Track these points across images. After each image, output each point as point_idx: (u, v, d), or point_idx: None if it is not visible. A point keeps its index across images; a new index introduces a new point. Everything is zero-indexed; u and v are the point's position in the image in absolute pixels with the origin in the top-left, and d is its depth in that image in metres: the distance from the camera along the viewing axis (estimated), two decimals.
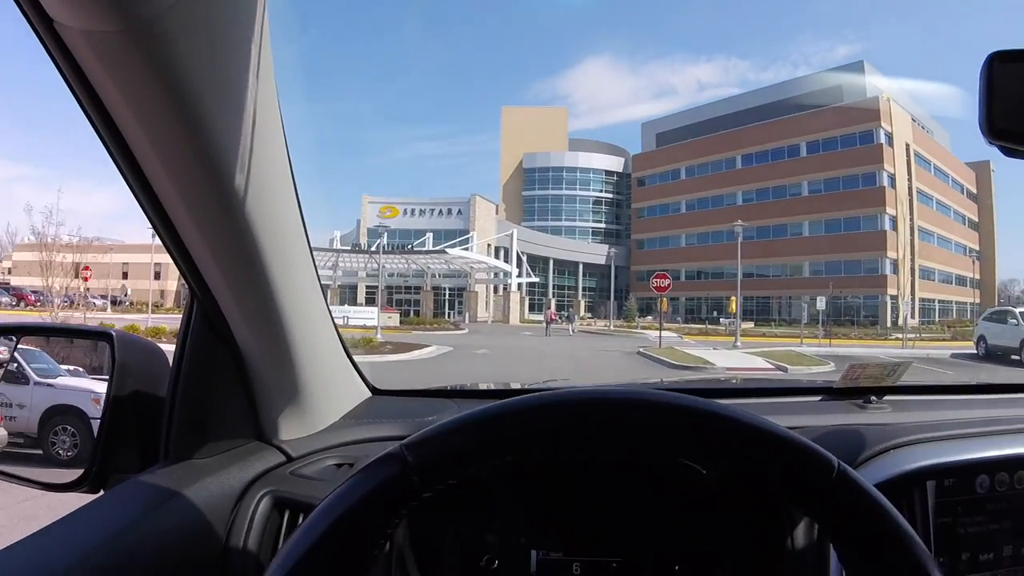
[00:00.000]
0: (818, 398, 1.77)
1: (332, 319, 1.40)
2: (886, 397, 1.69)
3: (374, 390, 1.64)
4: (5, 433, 1.51)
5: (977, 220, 61.16)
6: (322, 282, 1.33)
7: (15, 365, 1.58)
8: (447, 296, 51.26)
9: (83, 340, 1.65)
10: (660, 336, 23.78)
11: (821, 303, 32.44)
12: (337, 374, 1.49)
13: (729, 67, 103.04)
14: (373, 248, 40.93)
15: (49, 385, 1.59)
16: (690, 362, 15.73)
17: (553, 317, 39.93)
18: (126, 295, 44.70)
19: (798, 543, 1.12)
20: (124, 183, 0.95)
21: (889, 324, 46.28)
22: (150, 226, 1.02)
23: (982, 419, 1.51)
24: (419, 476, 0.68)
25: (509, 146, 71.40)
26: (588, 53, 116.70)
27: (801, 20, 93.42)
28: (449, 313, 49.05)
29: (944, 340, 31.98)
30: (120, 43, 0.73)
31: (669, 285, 24.90)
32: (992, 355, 20.76)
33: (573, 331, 35.95)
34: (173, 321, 20.45)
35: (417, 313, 43.28)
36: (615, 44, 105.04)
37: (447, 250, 42.05)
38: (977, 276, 57.07)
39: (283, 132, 1.05)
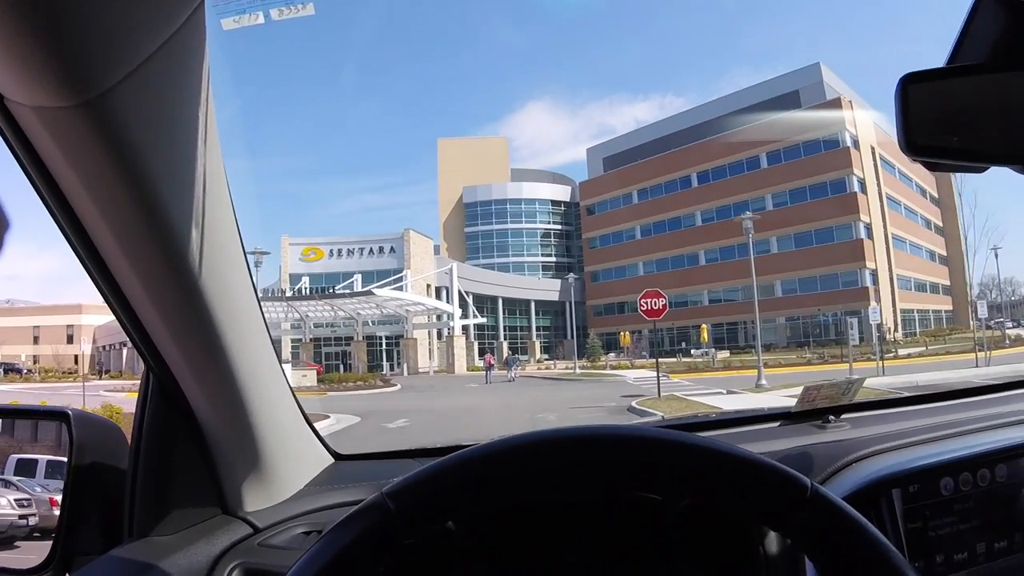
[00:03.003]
0: (777, 423, 1.80)
1: (288, 384, 1.39)
2: (844, 415, 1.74)
3: (336, 455, 1.62)
4: None
5: (942, 224, 58.61)
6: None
7: None
8: (383, 346, 45.20)
9: (38, 420, 1.60)
10: (659, 381, 17.42)
11: (875, 315, 27.24)
12: (298, 441, 1.47)
13: (665, 103, 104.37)
14: (289, 294, 34.85)
15: None
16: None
17: (491, 362, 33.66)
18: (36, 362, 39.14)
19: (771, 554, 1.11)
20: (72, 252, 0.95)
21: (875, 340, 42.44)
22: (100, 297, 1.02)
23: (938, 424, 1.60)
24: (401, 522, 0.70)
25: (447, 180, 66.18)
26: (527, 99, 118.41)
27: (734, 54, 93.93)
28: (387, 365, 43.03)
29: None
30: (71, 119, 0.74)
31: (664, 307, 19.10)
32: None
33: (512, 377, 30.15)
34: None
35: (348, 367, 37.12)
36: (553, 89, 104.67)
37: (374, 291, 35.59)
38: (947, 282, 55.06)
39: (230, 196, 1.06)
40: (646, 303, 18.78)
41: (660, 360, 20.31)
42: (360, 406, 17.51)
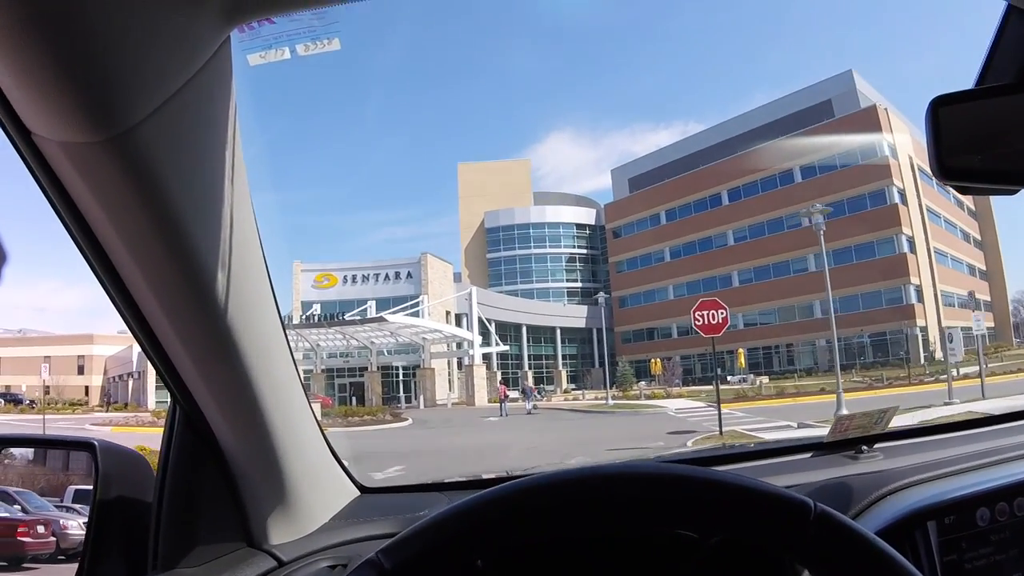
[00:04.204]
0: (809, 455, 1.79)
1: (315, 417, 1.40)
2: (877, 445, 1.74)
3: (362, 488, 1.63)
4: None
5: (980, 238, 55.60)
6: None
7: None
8: (400, 376, 42.69)
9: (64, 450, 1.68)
10: (719, 414, 14.27)
11: (979, 325, 24.48)
12: (324, 474, 1.49)
13: (688, 129, 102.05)
14: (297, 322, 32.86)
15: None
16: None
17: (505, 393, 31.29)
18: (47, 392, 38.30)
19: None
20: (101, 288, 0.98)
21: (923, 360, 40.51)
22: (128, 330, 1.04)
23: (973, 453, 1.59)
24: None
25: (468, 205, 63.85)
26: (551, 129, 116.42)
27: (755, 75, 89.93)
28: (404, 397, 40.61)
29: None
30: (97, 154, 0.75)
31: (726, 320, 15.84)
32: None
33: (530, 409, 27.95)
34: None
35: (362, 399, 34.90)
36: (574, 118, 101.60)
37: (387, 317, 33.31)
38: (988, 298, 51.77)
39: (257, 230, 1.09)
40: (701, 316, 15.56)
41: (696, 388, 17.51)
42: (358, 446, 15.21)
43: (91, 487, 1.40)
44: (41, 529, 1.64)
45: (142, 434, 23.98)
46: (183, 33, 0.75)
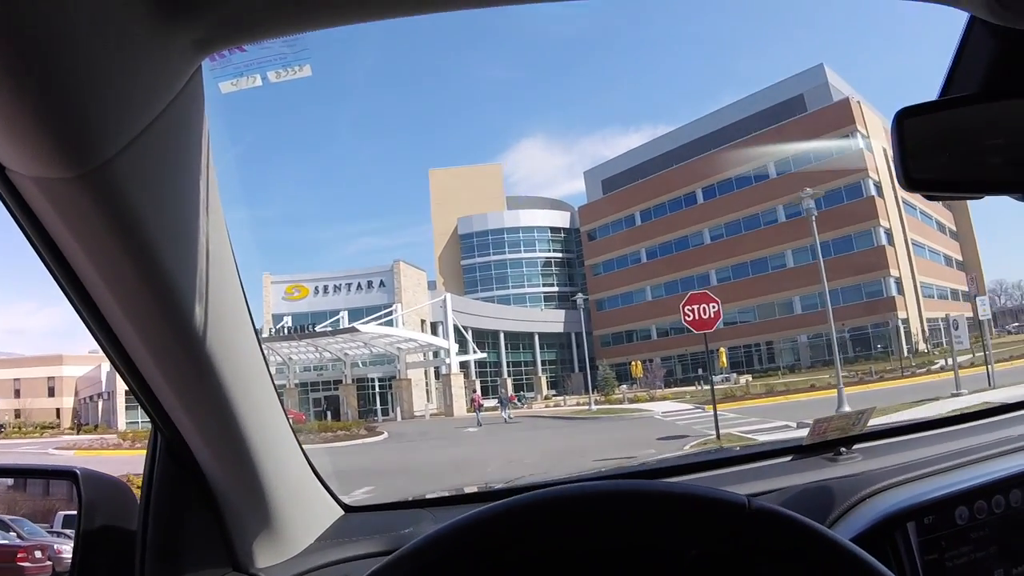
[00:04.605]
0: (788, 458, 1.79)
1: (296, 438, 1.41)
2: (856, 446, 1.76)
3: (345, 507, 1.63)
4: None
5: (955, 228, 55.84)
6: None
7: None
8: (376, 388, 41.52)
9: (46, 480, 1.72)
10: (716, 416, 12.83)
11: (984, 307, 23.81)
12: (306, 494, 1.50)
13: (659, 132, 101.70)
14: (265, 335, 31.64)
15: None
16: None
17: (480, 403, 30.55)
18: (17, 416, 38.45)
19: None
20: (76, 315, 0.99)
21: (907, 353, 39.75)
22: (106, 358, 1.06)
23: (951, 452, 1.62)
24: None
25: (441, 212, 62.65)
26: (522, 136, 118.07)
27: (721, 79, 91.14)
28: (380, 409, 39.40)
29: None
30: (72, 190, 0.75)
31: (718, 314, 14.79)
32: None
33: (508, 419, 26.93)
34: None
35: (337, 414, 33.68)
36: (547, 125, 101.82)
37: (359, 327, 32.15)
38: (965, 288, 50.73)
39: (232, 253, 1.10)
40: (691, 311, 14.48)
41: (679, 390, 16.48)
42: (326, 464, 13.75)
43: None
44: (38, 555, 1.68)
45: (107, 457, 22.65)
46: (155, 66, 0.75)
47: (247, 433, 1.16)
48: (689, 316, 14.67)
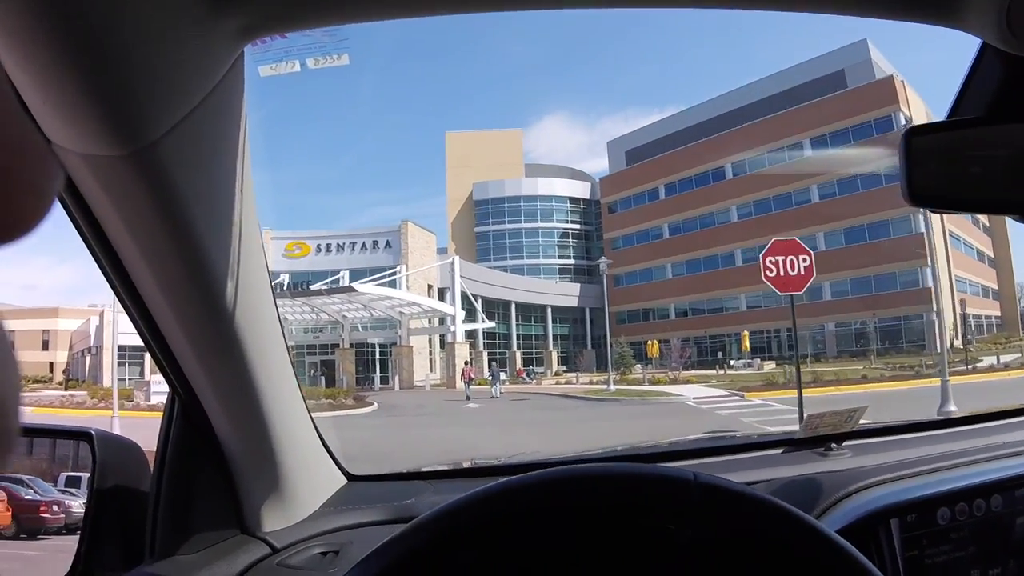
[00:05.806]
0: (780, 450, 1.82)
1: (307, 407, 1.44)
2: (846, 443, 1.77)
3: (349, 476, 1.67)
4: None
5: (989, 224, 52.54)
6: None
7: None
8: (376, 354, 39.65)
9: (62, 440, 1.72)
10: (800, 403, 9.24)
11: None
12: (315, 462, 1.53)
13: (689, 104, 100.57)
14: None
15: None
16: None
17: (470, 376, 28.72)
18: None
19: None
20: (107, 283, 1.04)
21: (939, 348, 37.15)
22: (134, 329, 1.12)
23: (937, 455, 1.65)
24: None
25: (456, 177, 60.29)
26: (544, 114, 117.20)
27: (742, 67, 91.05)
28: (378, 377, 37.51)
29: None
30: (118, 167, 0.79)
31: (810, 270, 9.99)
32: None
33: (496, 393, 25.48)
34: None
35: (332, 381, 31.76)
36: (571, 104, 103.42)
37: (357, 287, 30.02)
38: (996, 286, 50.85)
39: (259, 229, 1.14)
40: (774, 265, 10.22)
41: (701, 373, 14.01)
42: None
43: (79, 473, 1.54)
44: (56, 508, 1.78)
45: (67, 416, 20.74)
46: (202, 49, 0.79)
47: (263, 401, 1.19)
48: (771, 271, 10.51)
